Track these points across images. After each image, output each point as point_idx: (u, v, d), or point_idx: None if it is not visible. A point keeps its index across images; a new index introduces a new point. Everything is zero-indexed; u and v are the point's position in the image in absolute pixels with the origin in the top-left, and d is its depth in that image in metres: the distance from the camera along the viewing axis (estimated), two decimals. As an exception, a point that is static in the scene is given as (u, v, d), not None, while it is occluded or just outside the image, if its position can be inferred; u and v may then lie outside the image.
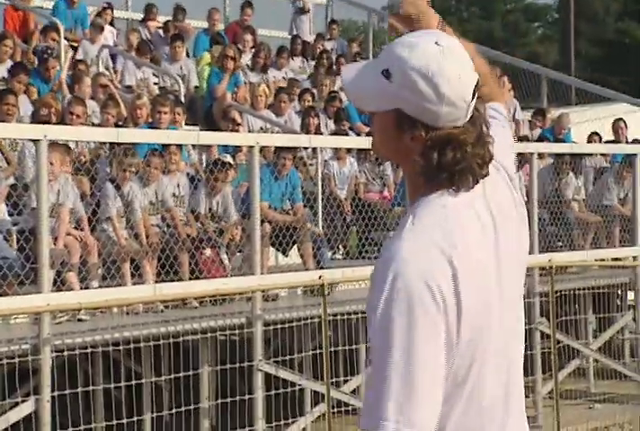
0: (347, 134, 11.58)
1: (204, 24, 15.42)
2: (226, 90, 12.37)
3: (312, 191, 9.84)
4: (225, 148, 10.69)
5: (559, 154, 11.11)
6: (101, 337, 6.99)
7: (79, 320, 7.47)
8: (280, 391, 7.47)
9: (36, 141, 6.65)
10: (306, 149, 10.94)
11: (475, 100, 2.11)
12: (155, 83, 13.16)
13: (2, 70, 11.23)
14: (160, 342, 7.16)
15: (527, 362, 2.37)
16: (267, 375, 7.59)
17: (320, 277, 7.55)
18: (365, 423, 1.97)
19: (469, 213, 2.12)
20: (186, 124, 11.38)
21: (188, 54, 13.91)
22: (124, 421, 6.94)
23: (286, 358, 7.85)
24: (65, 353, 6.68)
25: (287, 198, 9.41)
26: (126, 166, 8.21)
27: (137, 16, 16.19)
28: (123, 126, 10.28)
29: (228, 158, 9.91)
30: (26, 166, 8.37)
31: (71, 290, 7.36)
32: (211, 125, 12.02)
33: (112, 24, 14.32)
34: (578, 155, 11.32)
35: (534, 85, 15.81)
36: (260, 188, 7.79)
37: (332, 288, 8.52)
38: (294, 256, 9.14)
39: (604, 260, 10.43)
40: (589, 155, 11.85)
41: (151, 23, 14.61)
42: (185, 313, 7.73)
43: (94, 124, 10.33)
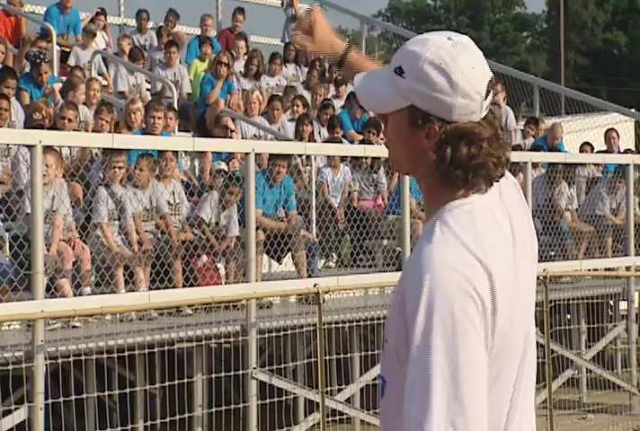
0: (341, 141, 11.57)
1: (196, 31, 15.41)
2: (219, 96, 12.35)
3: (306, 199, 9.81)
4: (217, 155, 10.66)
5: (552, 164, 11.11)
6: (94, 344, 6.93)
7: (73, 327, 7.41)
8: (275, 400, 7.42)
9: (31, 146, 6.60)
10: (300, 157, 10.92)
11: (489, 98, 2.10)
12: (147, 89, 13.13)
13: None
14: (155, 350, 7.10)
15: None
16: (260, 384, 7.54)
17: (315, 285, 7.51)
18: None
19: (491, 219, 2.11)
20: (179, 130, 11.35)
21: (181, 61, 13.89)
22: (117, 429, 6.88)
23: (280, 367, 7.80)
24: (59, 360, 6.62)
25: (281, 206, 9.38)
26: (114, 163, 8.18)
27: (129, 22, 16.18)
28: (116, 131, 10.24)
29: (222, 165, 9.88)
30: (20, 172, 8.31)
31: (64, 297, 7.32)
32: (204, 131, 11.99)
33: (105, 30, 14.26)
34: (571, 165, 11.32)
35: (524, 94, 15.83)
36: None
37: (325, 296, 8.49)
38: (285, 263, 9.11)
39: (597, 270, 10.42)
40: (582, 165, 11.86)
41: (144, 29, 14.56)
42: (179, 321, 7.68)
43: (87, 129, 10.28)
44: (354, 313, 8.27)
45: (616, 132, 13.66)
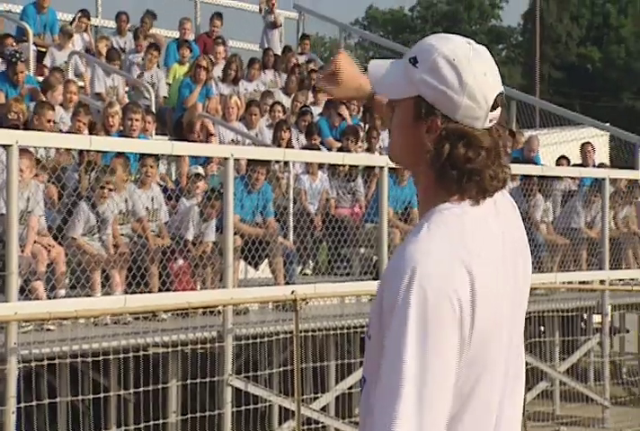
0: (319, 148, 11.53)
1: (174, 34, 15.34)
2: (197, 100, 12.28)
3: (284, 206, 9.76)
4: (194, 159, 10.59)
5: (527, 176, 11.12)
6: (68, 347, 6.84)
7: (47, 330, 7.31)
8: (250, 407, 7.35)
9: (7, 146, 6.51)
10: (277, 163, 10.87)
11: (497, 112, 2.10)
12: (125, 91, 13.04)
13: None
14: (129, 355, 7.02)
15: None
16: (234, 390, 7.47)
17: (293, 293, 7.46)
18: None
19: (482, 226, 2.10)
20: (155, 134, 11.27)
21: (158, 64, 13.80)
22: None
23: (256, 374, 7.74)
24: (32, 363, 6.52)
25: (259, 212, 9.32)
26: (103, 183, 8.06)
27: (106, 23, 16.08)
28: (93, 133, 10.14)
29: (199, 169, 9.80)
30: (-5, 172, 8.19)
31: (39, 299, 7.22)
32: (180, 135, 11.91)
33: (87, 32, 14.16)
34: (547, 178, 11.35)
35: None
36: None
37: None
38: (262, 270, 9.05)
39: (571, 283, 10.44)
40: (558, 178, 11.89)
41: (123, 31, 14.46)
42: (154, 325, 7.61)
43: (61, 130, 10.18)
44: (330, 321, 8.23)
45: (592, 146, 13.73)
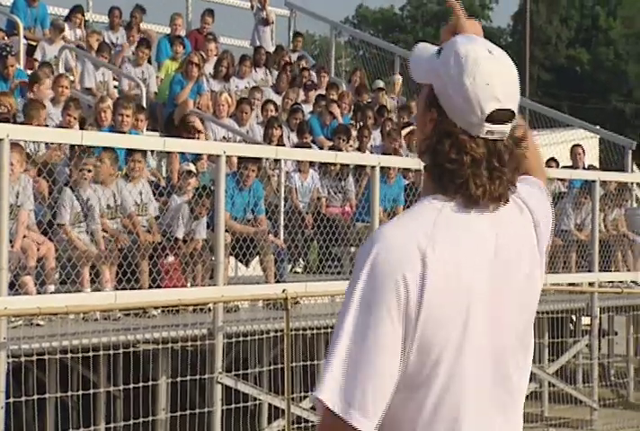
0: (310, 147, 11.50)
1: (165, 29, 15.28)
2: (188, 97, 12.23)
3: (275, 204, 9.73)
4: (184, 156, 10.54)
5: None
6: (58, 343, 6.79)
7: (36, 325, 7.27)
8: (240, 405, 7.32)
9: (-2, 140, 6.46)
10: (267, 160, 10.84)
11: (496, 127, 2.13)
12: (115, 86, 12.99)
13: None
14: (120, 351, 6.98)
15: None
16: (224, 388, 7.44)
17: (284, 291, 7.43)
18: (315, 391, 2.04)
19: (462, 222, 2.13)
20: (146, 130, 11.22)
21: (149, 59, 13.74)
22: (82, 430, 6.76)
23: (245, 372, 7.71)
24: (22, 359, 6.48)
25: (249, 209, 9.29)
26: (82, 166, 8.05)
27: (97, 18, 16.01)
28: (83, 128, 10.09)
29: (191, 166, 9.77)
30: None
31: (28, 294, 7.18)
32: (171, 131, 11.86)
33: (81, 27, 14.09)
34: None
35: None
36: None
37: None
38: (252, 267, 9.02)
39: (561, 285, 10.44)
40: (548, 180, 11.89)
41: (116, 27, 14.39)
42: (144, 322, 7.57)
43: (47, 125, 10.12)
44: (321, 320, 8.20)
45: (582, 148, 13.73)
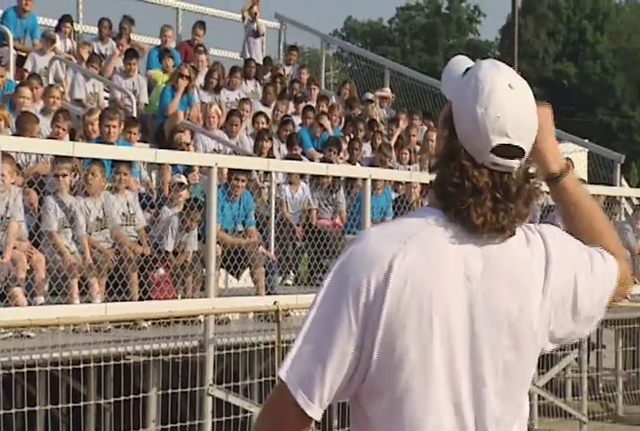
0: (300, 159, 11.51)
1: (155, 41, 15.28)
2: (178, 108, 12.22)
3: (266, 216, 9.72)
4: (175, 167, 10.53)
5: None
6: (48, 355, 6.77)
7: (27, 336, 7.24)
8: (231, 418, 7.30)
9: (-11, 152, 6.46)
10: (257, 172, 10.84)
11: (508, 161, 2.12)
12: (105, 97, 12.98)
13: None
14: (110, 363, 6.95)
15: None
16: (214, 400, 7.42)
17: (275, 303, 7.42)
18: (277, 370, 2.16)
19: (442, 236, 2.13)
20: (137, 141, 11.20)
21: (139, 70, 13.74)
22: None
23: (236, 384, 7.70)
24: (12, 370, 6.45)
25: (240, 221, 9.28)
26: (57, 171, 8.05)
27: (87, 29, 16.01)
28: (74, 140, 10.08)
29: (182, 178, 9.75)
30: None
31: (18, 306, 7.15)
32: (162, 143, 11.85)
33: (70, 37, 14.07)
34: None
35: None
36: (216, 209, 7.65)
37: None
38: (243, 279, 9.00)
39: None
40: (538, 193, 11.91)
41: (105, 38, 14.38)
42: (135, 334, 7.54)
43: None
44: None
45: (571, 161, 13.77)
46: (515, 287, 2.15)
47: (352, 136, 13.36)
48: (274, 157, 11.46)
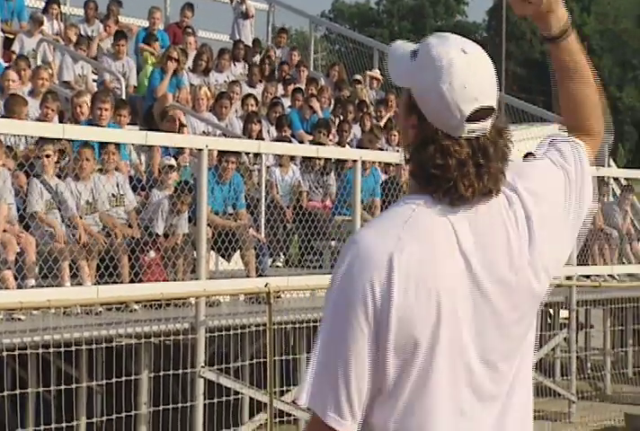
0: (290, 141, 11.49)
1: (143, 23, 15.21)
2: (167, 90, 12.18)
3: (257, 198, 9.72)
4: (165, 150, 10.51)
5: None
6: (39, 337, 6.76)
7: (18, 319, 7.23)
8: (223, 399, 7.32)
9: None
10: (247, 155, 10.82)
11: (480, 124, 2.12)
12: (94, 80, 12.93)
13: None
14: (102, 345, 6.96)
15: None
16: (206, 382, 7.43)
17: (266, 285, 7.43)
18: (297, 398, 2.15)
19: (436, 222, 2.13)
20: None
21: (128, 52, 13.68)
22: (58, 425, 6.72)
23: (227, 366, 7.71)
24: (4, 353, 6.45)
25: (230, 204, 9.28)
26: (40, 152, 8.03)
27: (74, 11, 15.93)
28: (62, 122, 10.05)
29: (172, 161, 9.73)
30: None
31: (8, 289, 7.15)
32: (151, 125, 11.82)
33: (57, 18, 14.01)
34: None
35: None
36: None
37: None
38: (233, 261, 9.01)
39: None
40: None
41: (91, 19, 14.32)
42: (126, 316, 7.55)
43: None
44: (302, 314, 8.21)
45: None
46: (507, 253, 2.18)
47: (342, 118, 13.35)
48: (263, 139, 11.45)
